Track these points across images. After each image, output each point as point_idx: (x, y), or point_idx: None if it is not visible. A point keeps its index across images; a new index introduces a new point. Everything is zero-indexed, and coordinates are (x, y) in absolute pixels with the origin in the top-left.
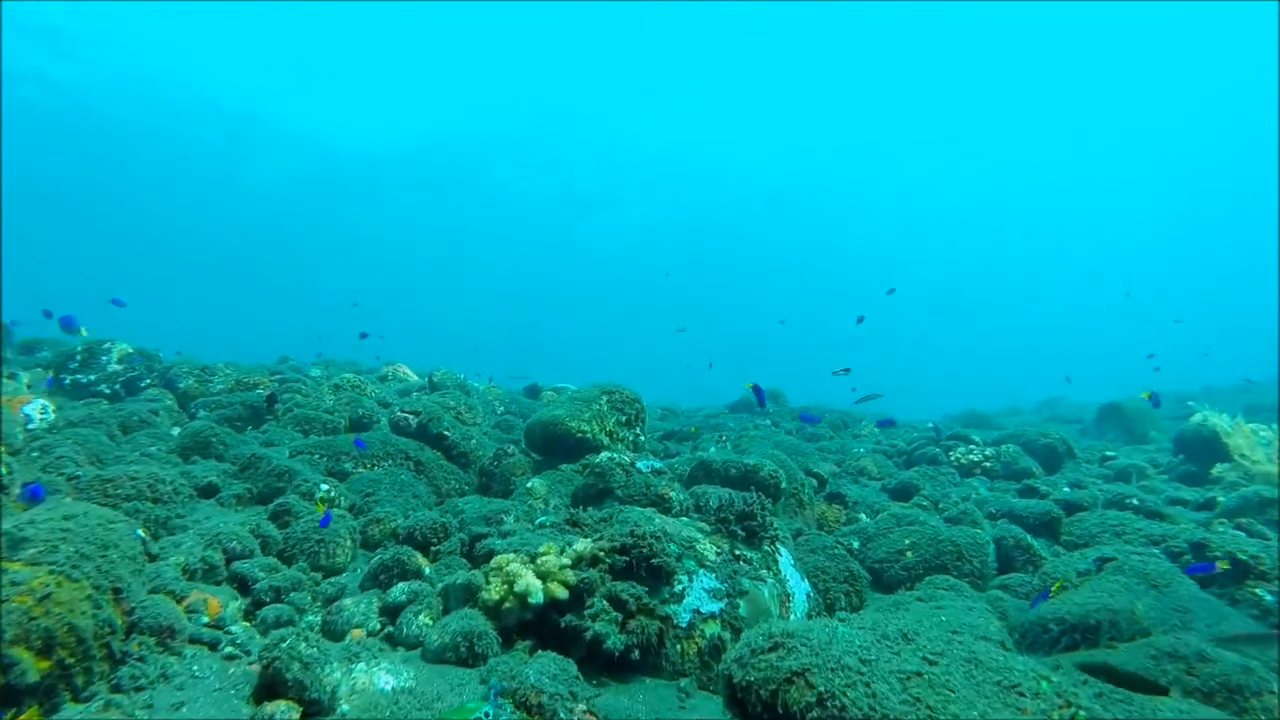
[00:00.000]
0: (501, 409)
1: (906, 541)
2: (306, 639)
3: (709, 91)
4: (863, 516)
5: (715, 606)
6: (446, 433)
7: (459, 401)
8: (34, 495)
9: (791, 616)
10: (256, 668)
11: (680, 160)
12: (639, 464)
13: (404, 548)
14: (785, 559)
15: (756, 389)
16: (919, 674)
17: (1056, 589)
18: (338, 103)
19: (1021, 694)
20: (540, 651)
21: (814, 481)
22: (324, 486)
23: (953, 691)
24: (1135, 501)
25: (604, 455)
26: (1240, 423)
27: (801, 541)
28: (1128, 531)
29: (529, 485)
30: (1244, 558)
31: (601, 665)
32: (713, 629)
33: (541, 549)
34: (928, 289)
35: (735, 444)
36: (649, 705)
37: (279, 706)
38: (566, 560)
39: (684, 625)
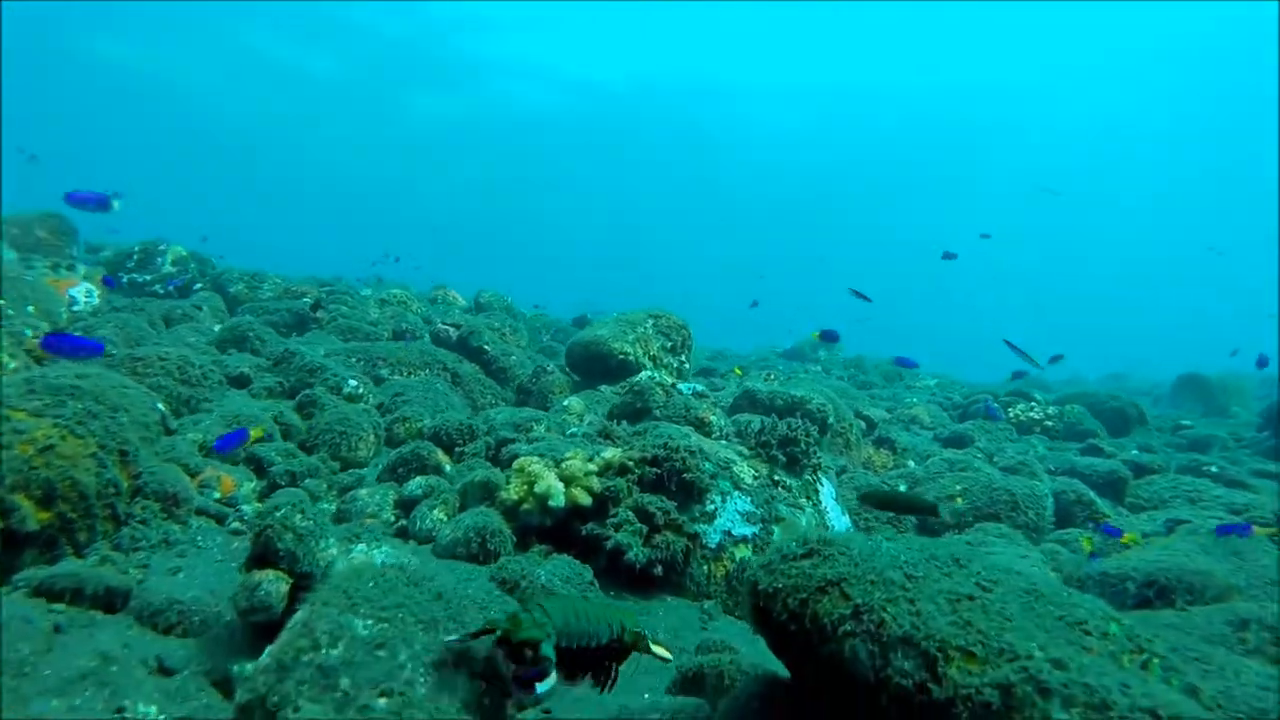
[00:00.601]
0: (547, 336)
1: (958, 487)
2: (303, 511)
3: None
4: (910, 463)
5: (748, 530)
6: (487, 347)
7: (503, 323)
8: (54, 344)
9: None
10: None
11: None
12: (680, 386)
13: (425, 443)
14: (827, 490)
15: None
16: (971, 597)
17: (1128, 539)
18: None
19: (1087, 632)
20: (557, 555)
21: (863, 424)
22: (352, 382)
23: (1009, 620)
24: (1215, 469)
25: (644, 374)
26: None
27: (845, 479)
28: (1204, 499)
29: (565, 403)
30: None
31: (623, 580)
32: (743, 553)
33: (568, 454)
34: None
35: (782, 383)
36: (669, 624)
37: (267, 575)
38: (593, 467)
39: (713, 546)
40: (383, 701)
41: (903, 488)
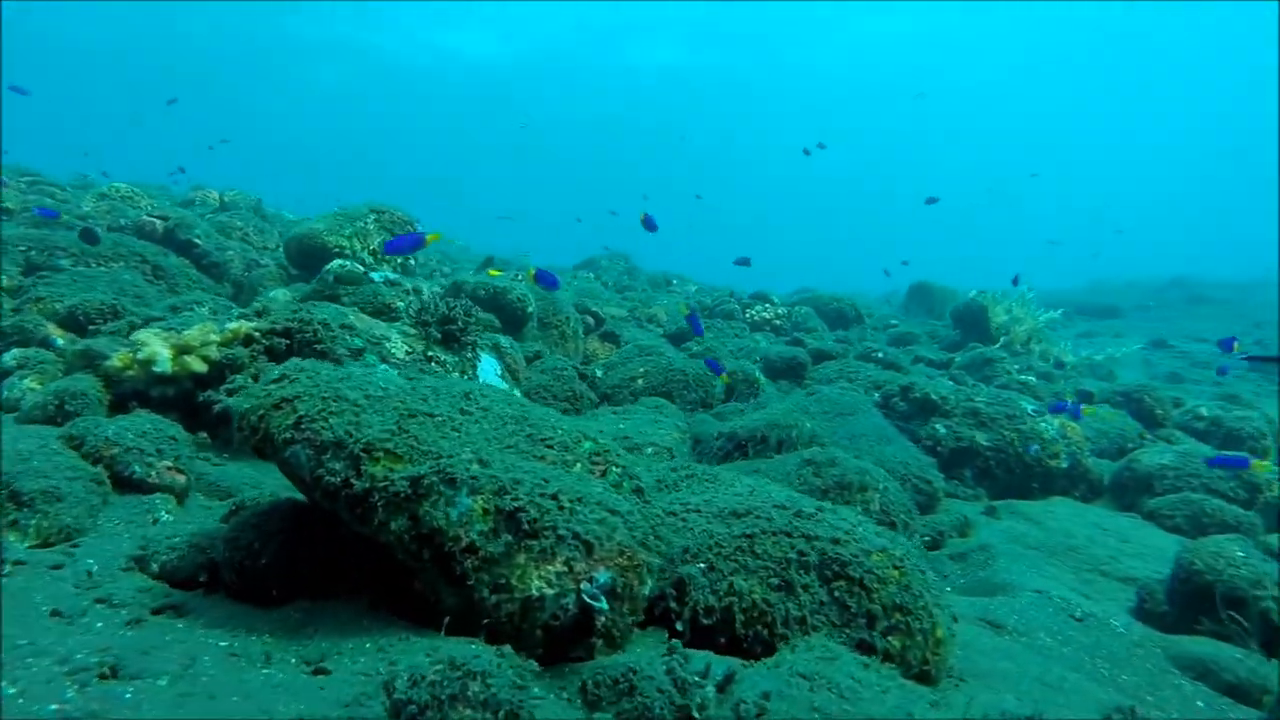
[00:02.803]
0: None
1: (641, 370)
2: None
3: None
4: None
5: None
6: (197, 240)
7: (247, 222)
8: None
9: None
10: None
11: None
12: (373, 274)
13: (34, 316)
14: (488, 366)
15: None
16: (432, 415)
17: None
18: None
19: (550, 446)
20: (141, 412)
21: (590, 320)
22: None
23: (459, 432)
24: (880, 355)
25: (335, 262)
26: (997, 298)
27: (538, 364)
28: (860, 377)
29: (271, 294)
30: (935, 398)
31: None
32: None
33: (194, 327)
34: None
35: None
36: (277, 481)
37: None
38: (215, 338)
39: None
40: None
41: (599, 372)
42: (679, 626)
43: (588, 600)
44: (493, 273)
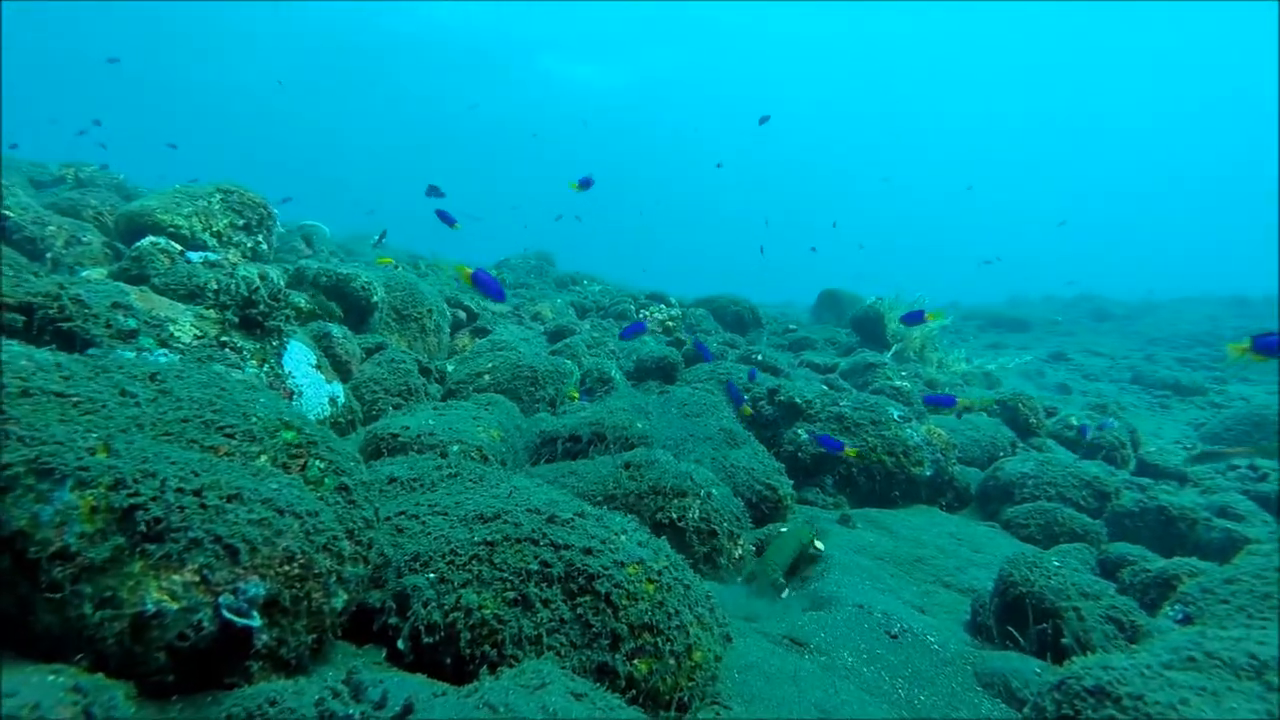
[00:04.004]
0: None
1: (489, 365)
2: None
3: None
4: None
5: None
6: (8, 212)
7: (103, 201)
8: None
9: (301, 408)
10: None
11: None
12: (191, 254)
13: None
14: (298, 355)
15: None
16: (63, 395)
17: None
18: None
19: (230, 435)
20: None
21: (463, 314)
22: None
23: (95, 415)
24: (760, 358)
25: (147, 240)
26: (891, 305)
27: (378, 357)
28: (731, 379)
29: (84, 273)
30: (799, 402)
31: None
32: None
33: None
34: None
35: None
36: None
37: None
38: None
39: None
40: None
41: (450, 368)
42: (400, 645)
43: (228, 615)
44: (383, 260)
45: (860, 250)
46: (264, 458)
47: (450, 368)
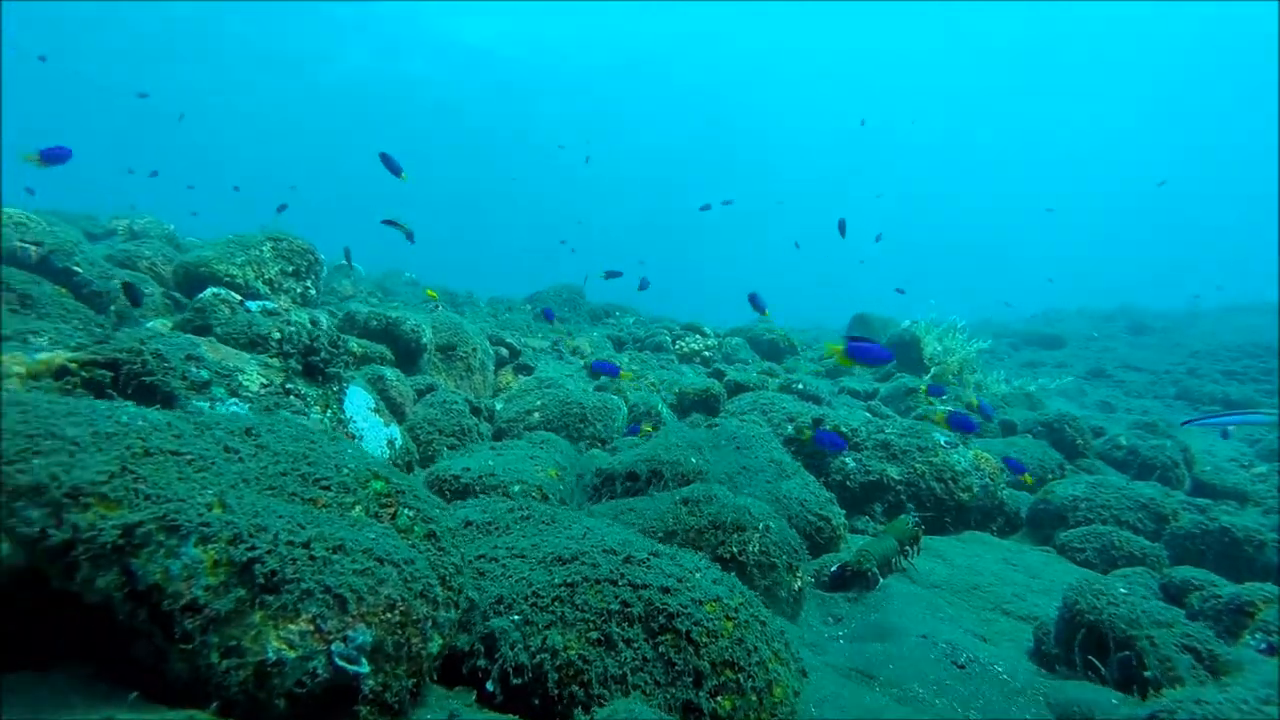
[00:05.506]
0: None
1: (538, 403)
2: None
3: None
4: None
5: None
6: (77, 268)
7: (156, 252)
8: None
9: None
10: None
11: None
12: (249, 303)
13: None
14: (357, 399)
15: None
16: (177, 453)
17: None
18: None
19: (325, 487)
20: None
21: (505, 351)
22: None
23: (207, 472)
24: (800, 386)
25: (209, 291)
26: (928, 327)
27: (429, 398)
28: (774, 409)
29: (149, 324)
30: (845, 430)
31: None
32: None
33: (7, 356)
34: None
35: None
36: None
37: None
38: (19, 369)
39: None
40: None
41: (499, 405)
42: (490, 686)
43: (339, 663)
44: (430, 293)
45: (889, 276)
46: (358, 508)
47: (499, 406)
